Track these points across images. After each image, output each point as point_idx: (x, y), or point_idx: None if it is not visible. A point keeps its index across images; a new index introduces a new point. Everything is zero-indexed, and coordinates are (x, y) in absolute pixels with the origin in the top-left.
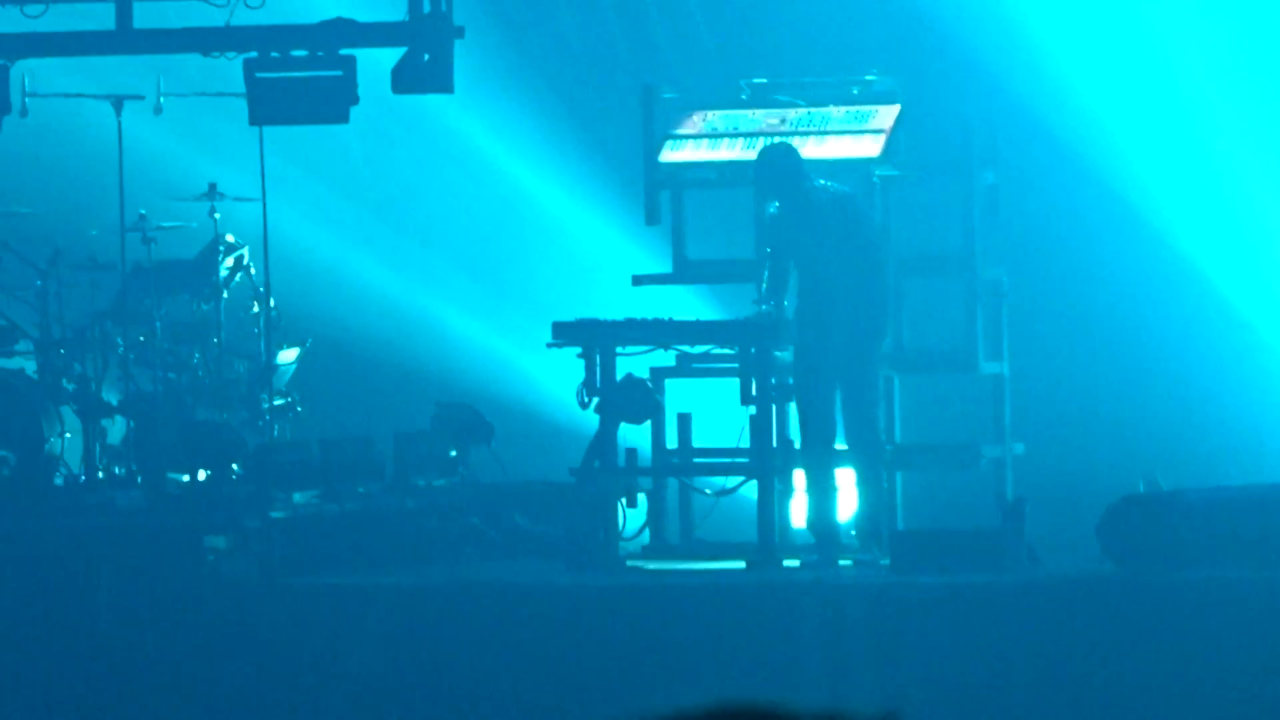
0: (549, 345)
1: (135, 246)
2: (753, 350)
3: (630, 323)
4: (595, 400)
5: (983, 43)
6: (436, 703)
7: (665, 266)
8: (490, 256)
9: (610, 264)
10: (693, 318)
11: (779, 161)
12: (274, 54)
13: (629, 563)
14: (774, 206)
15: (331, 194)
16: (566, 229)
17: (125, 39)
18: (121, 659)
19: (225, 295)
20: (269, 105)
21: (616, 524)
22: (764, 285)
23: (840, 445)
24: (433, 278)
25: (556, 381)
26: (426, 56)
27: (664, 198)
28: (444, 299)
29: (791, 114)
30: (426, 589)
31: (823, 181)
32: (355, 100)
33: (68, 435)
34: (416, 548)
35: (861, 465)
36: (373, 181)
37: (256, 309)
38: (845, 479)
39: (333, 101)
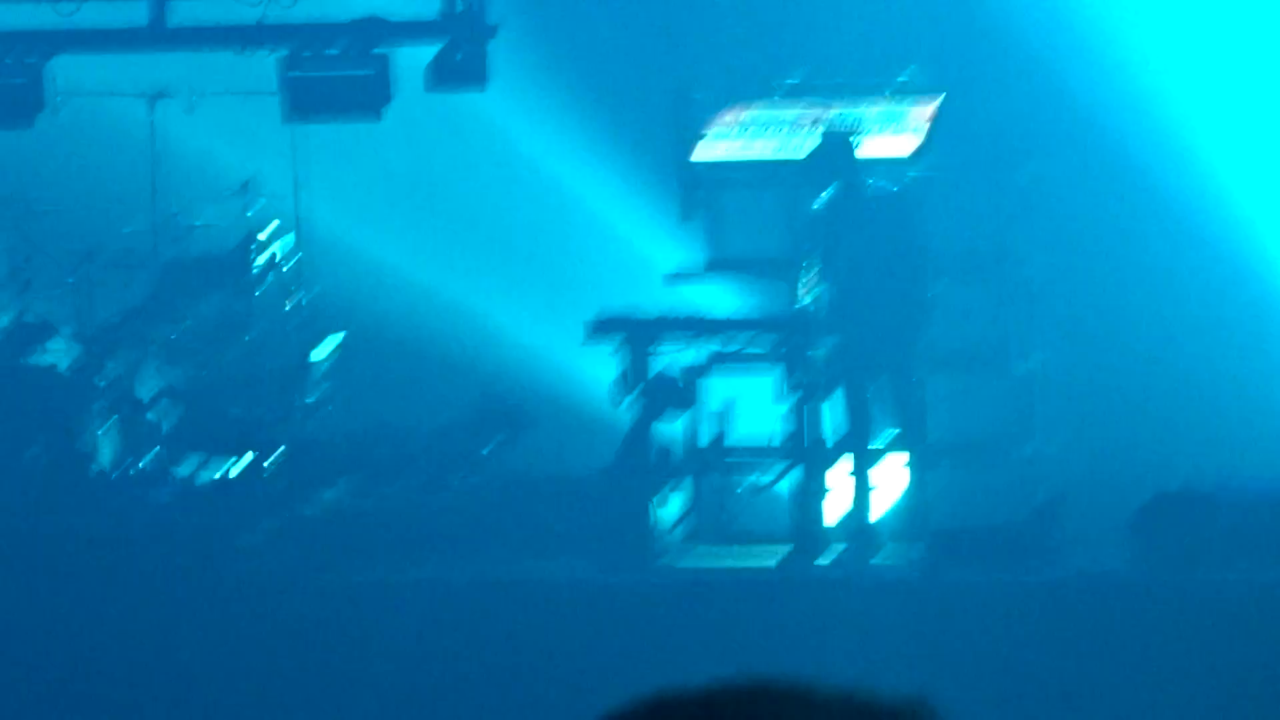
0: (585, 340)
1: (168, 244)
2: (787, 345)
3: (666, 318)
4: (631, 395)
5: (1017, 37)
6: (468, 699)
7: (701, 262)
8: (527, 251)
9: (645, 260)
10: (727, 314)
11: (838, 152)
12: (307, 52)
13: (663, 559)
14: (826, 197)
15: (369, 187)
16: (602, 225)
17: (158, 36)
18: (153, 655)
19: (258, 291)
20: (302, 103)
21: (649, 521)
22: (805, 277)
23: (877, 443)
24: (470, 272)
25: (593, 376)
26: (460, 55)
27: (698, 195)
28: (481, 293)
29: (826, 112)
30: (460, 585)
31: (873, 181)
32: (388, 98)
33: (100, 432)
34: (450, 543)
35: (901, 461)
36: (409, 174)
37: (290, 305)
38: (882, 475)
39: (366, 99)
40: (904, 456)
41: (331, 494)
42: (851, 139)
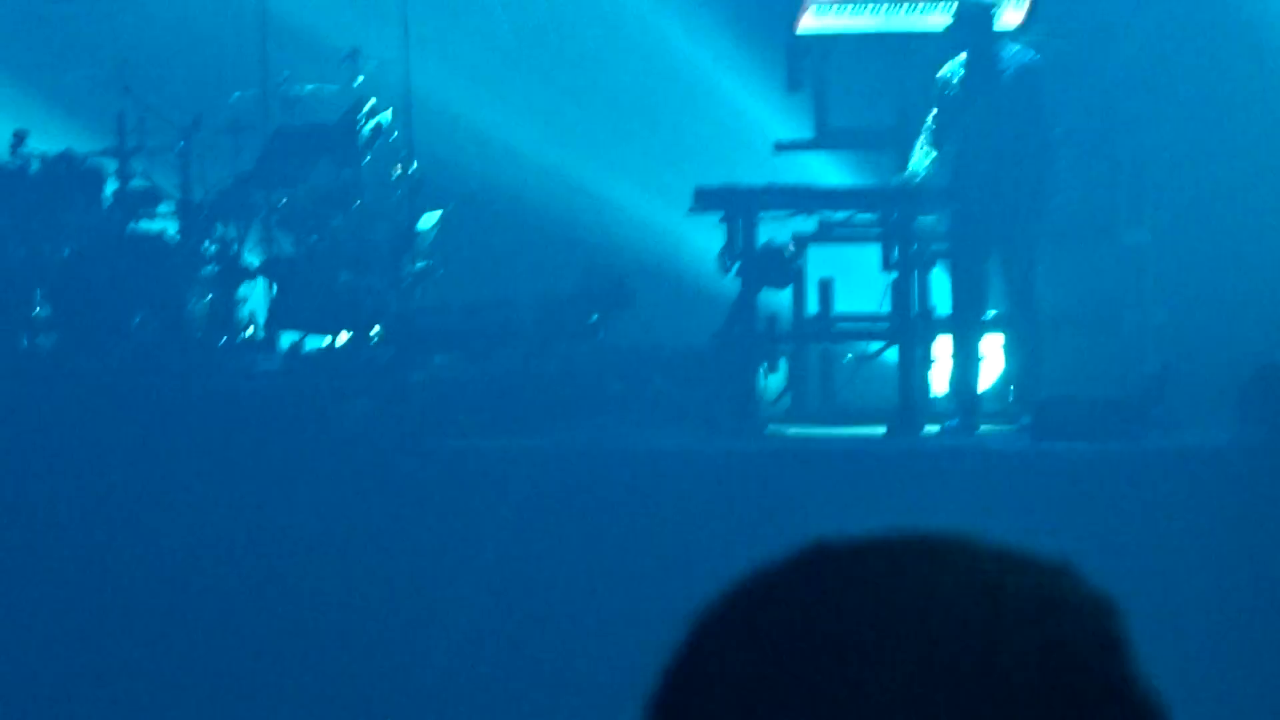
0: (691, 211)
1: (277, 110)
2: (894, 216)
3: (772, 189)
4: (736, 265)
5: None
6: (575, 566)
7: (807, 133)
8: (634, 120)
9: (752, 130)
10: (834, 185)
11: (975, 20)
12: None
13: (769, 428)
14: (958, 66)
15: (476, 55)
16: (710, 94)
17: None
18: (260, 524)
19: (367, 159)
20: None
21: (757, 390)
22: (919, 148)
23: (986, 315)
24: (576, 140)
25: (699, 246)
26: None
27: (806, 64)
28: (587, 162)
29: None
30: (567, 453)
31: (1016, 47)
32: None
33: (207, 299)
34: (557, 412)
35: (1013, 332)
36: (517, 42)
37: (398, 172)
38: (990, 346)
39: None
40: (1012, 329)
41: (439, 361)
42: (991, 9)
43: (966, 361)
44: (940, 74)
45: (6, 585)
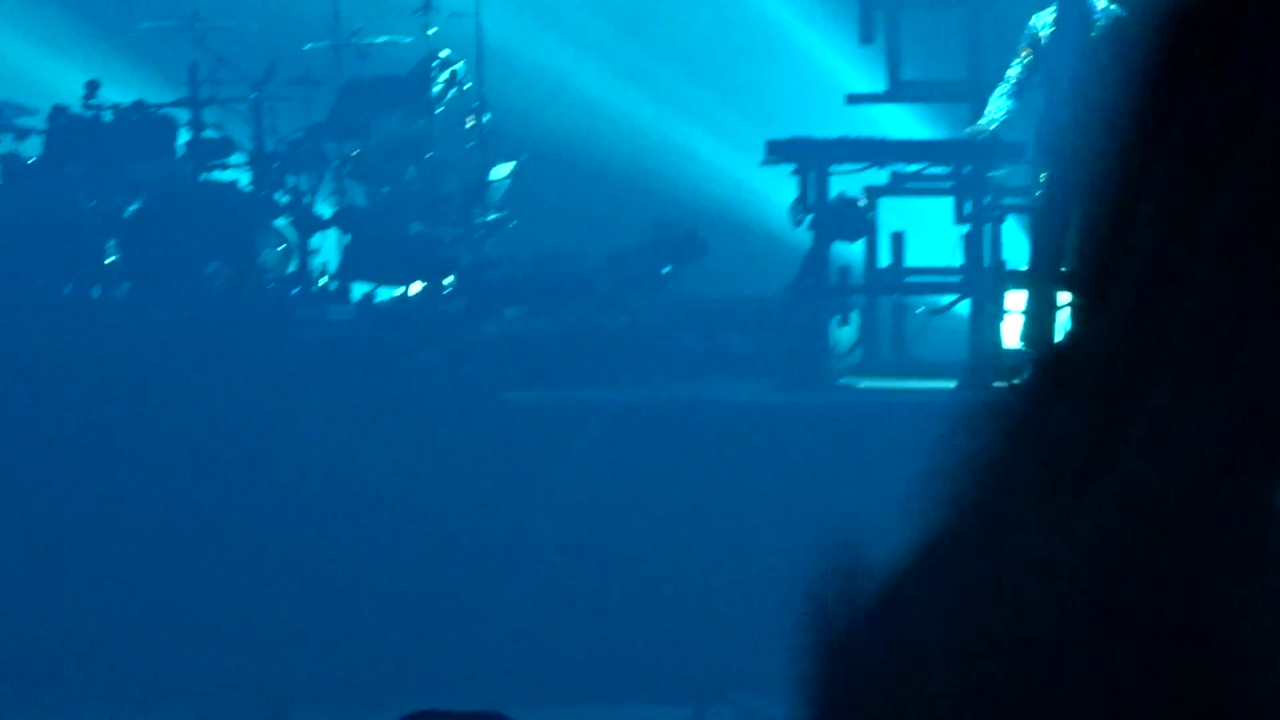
0: (763, 163)
1: (350, 61)
2: (967, 169)
3: (844, 141)
4: (809, 218)
5: None
6: (646, 517)
7: (880, 86)
8: (706, 70)
9: (825, 81)
10: (907, 136)
11: None
12: None
13: (841, 380)
14: (1049, 18)
15: (548, 5)
16: (783, 43)
17: None
18: (331, 474)
19: (439, 110)
20: None
21: (828, 342)
22: (1000, 97)
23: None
24: (649, 90)
25: (772, 197)
26: None
27: (879, 16)
28: (660, 112)
29: None
30: (637, 405)
31: (1105, 3)
32: None
33: (279, 249)
34: (628, 364)
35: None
36: None
37: (471, 124)
38: (1063, 298)
39: None
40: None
41: (510, 314)
42: None
43: (1042, 314)
44: (1029, 25)
45: (86, 532)
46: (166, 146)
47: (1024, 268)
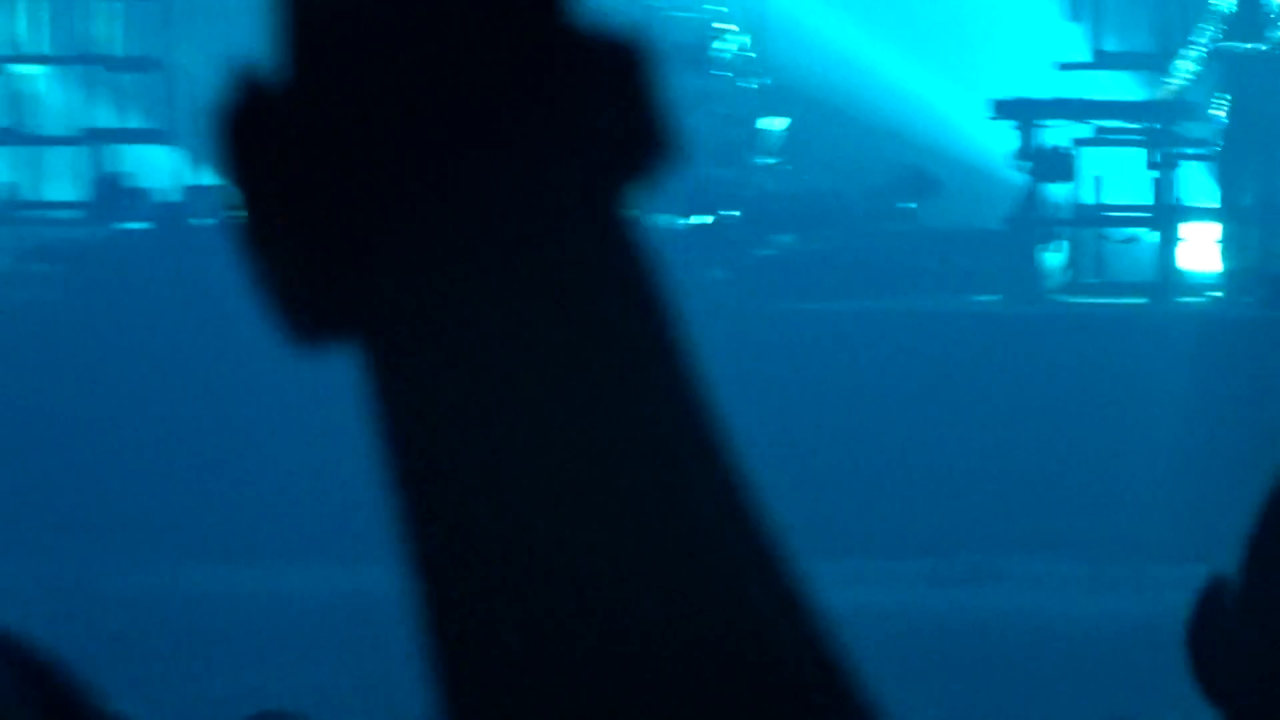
0: (991, 118)
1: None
2: (1158, 125)
3: (1055, 101)
4: (1029, 165)
5: None
6: (898, 402)
7: (1086, 55)
8: (943, 34)
9: (1041, 50)
10: (1107, 97)
11: None
12: None
13: (1054, 295)
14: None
15: None
16: (1006, 18)
17: None
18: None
19: (725, 73)
20: None
21: (1043, 265)
22: (1179, 67)
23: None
24: (898, 49)
25: (996, 146)
26: None
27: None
28: (905, 66)
29: None
30: (889, 313)
31: None
32: None
33: None
34: (879, 282)
35: (1253, 219)
36: None
37: (754, 84)
38: (1234, 231)
39: None
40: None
41: (781, 240)
42: None
43: (1211, 242)
44: (1210, 4)
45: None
46: None
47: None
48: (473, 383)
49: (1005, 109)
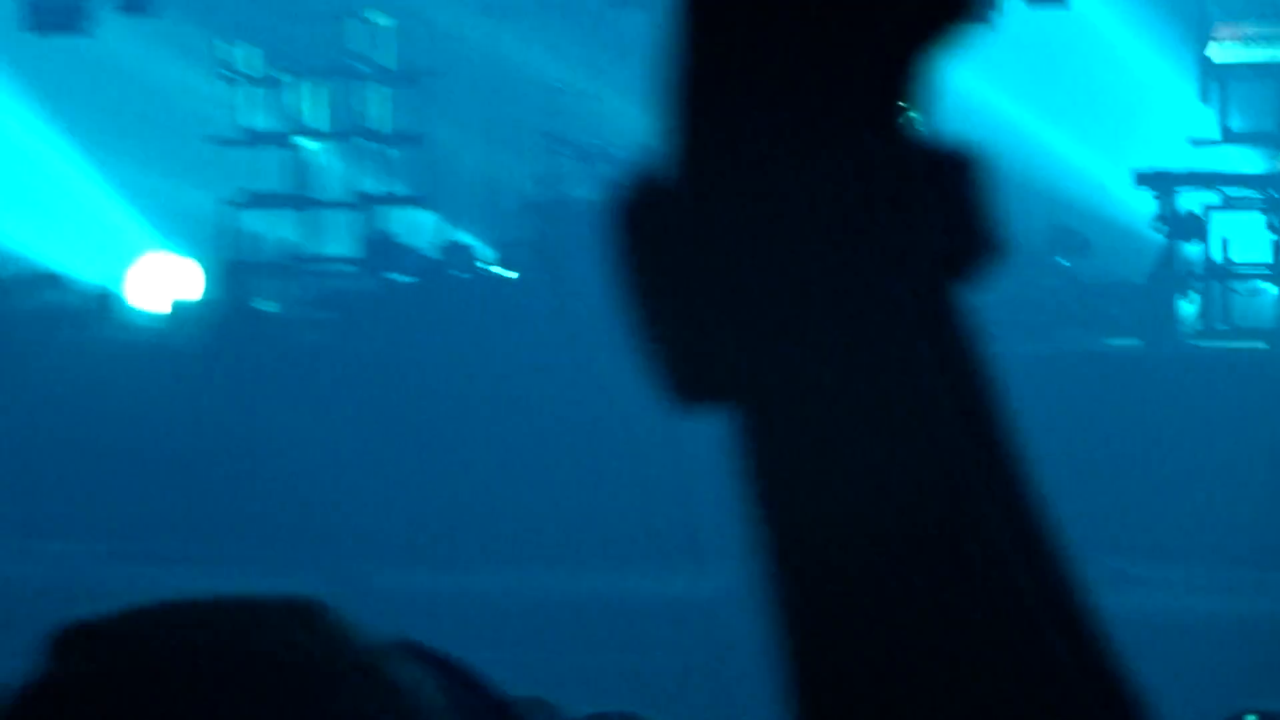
0: (1135, 185)
1: None
2: (1276, 194)
3: (1189, 173)
4: (1166, 228)
5: None
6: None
7: (1215, 133)
8: (1088, 109)
9: (1176, 129)
10: (1231, 170)
11: None
12: None
13: (1187, 340)
14: None
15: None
16: (1143, 100)
17: None
18: None
19: None
20: None
21: (1179, 313)
22: None
23: None
24: (1045, 117)
25: (1137, 210)
26: None
27: (1213, 83)
28: (1055, 136)
29: None
30: (1045, 355)
31: None
32: None
33: None
34: (1032, 321)
35: None
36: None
37: None
38: None
39: None
40: None
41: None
42: None
43: None
44: None
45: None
46: None
47: None
48: (825, 434)
49: (1146, 179)
